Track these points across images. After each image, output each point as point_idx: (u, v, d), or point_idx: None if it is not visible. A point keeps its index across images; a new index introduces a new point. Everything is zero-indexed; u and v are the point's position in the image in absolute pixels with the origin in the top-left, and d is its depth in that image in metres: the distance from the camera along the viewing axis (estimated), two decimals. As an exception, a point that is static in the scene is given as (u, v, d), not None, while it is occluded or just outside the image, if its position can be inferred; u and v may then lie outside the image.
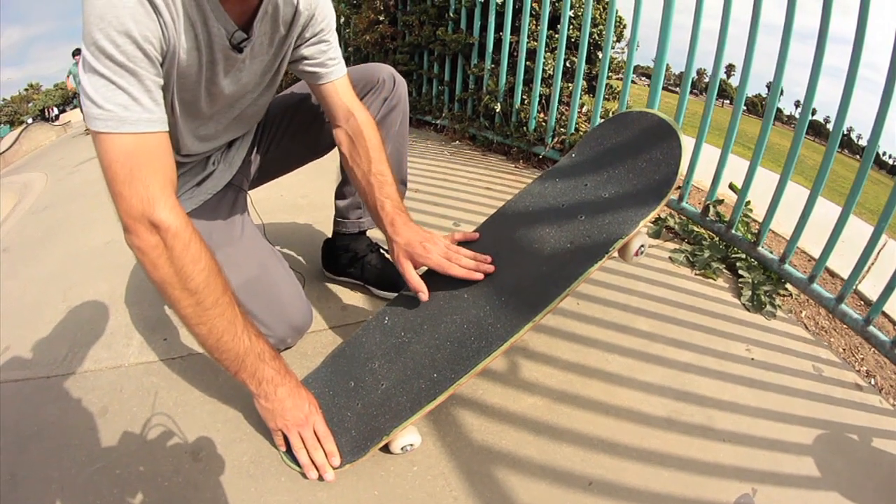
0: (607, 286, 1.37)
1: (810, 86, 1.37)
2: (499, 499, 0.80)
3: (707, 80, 1.73)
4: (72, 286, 1.59)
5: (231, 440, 0.89)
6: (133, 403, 0.99)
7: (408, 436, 0.81)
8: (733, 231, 1.57)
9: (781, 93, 1.52)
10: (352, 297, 1.31)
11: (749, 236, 1.55)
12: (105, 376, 1.08)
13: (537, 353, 1.11)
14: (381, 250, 1.30)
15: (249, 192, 1.18)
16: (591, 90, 2.55)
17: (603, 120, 1.01)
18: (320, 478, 0.79)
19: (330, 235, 1.35)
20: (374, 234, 1.28)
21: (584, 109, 2.55)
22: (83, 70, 0.63)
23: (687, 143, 1.54)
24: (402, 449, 0.82)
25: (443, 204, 1.89)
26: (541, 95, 2.35)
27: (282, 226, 1.72)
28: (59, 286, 1.62)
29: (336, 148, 1.11)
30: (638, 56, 1.97)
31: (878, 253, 2.49)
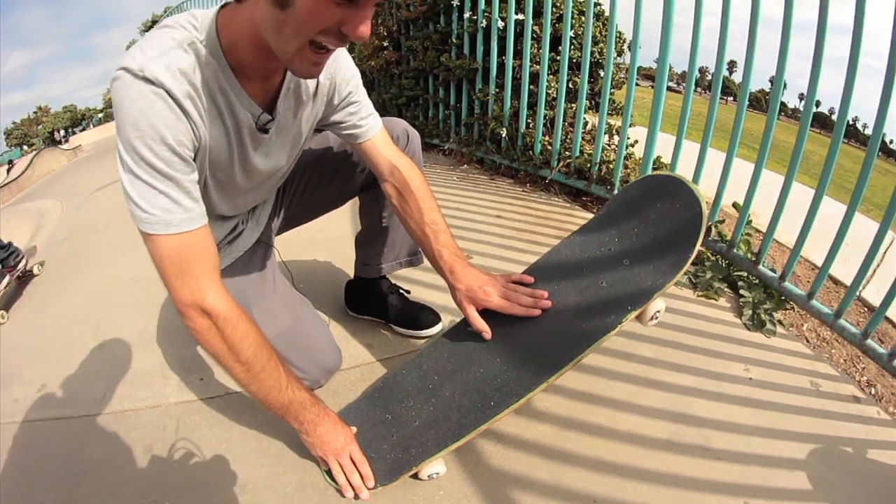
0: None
1: (811, 85, 1.42)
2: None
3: (710, 77, 1.79)
4: (102, 324, 1.74)
5: (275, 473, 1.03)
6: (177, 441, 1.14)
7: (435, 466, 0.96)
8: (735, 250, 1.69)
9: (785, 86, 1.60)
10: (375, 336, 1.45)
11: (750, 255, 1.67)
12: (146, 415, 1.23)
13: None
14: (401, 291, 1.45)
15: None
16: (595, 106, 2.69)
17: (631, 182, 1.11)
18: (356, 496, 0.94)
19: (350, 273, 1.50)
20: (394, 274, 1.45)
21: (589, 127, 2.70)
22: (123, 170, 0.73)
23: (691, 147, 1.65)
24: (428, 476, 0.96)
25: (457, 235, 2.02)
26: (545, 118, 2.50)
27: (303, 263, 1.87)
28: (89, 323, 1.76)
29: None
30: (640, 57, 2.04)
31: (884, 254, 2.59)
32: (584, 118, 2.39)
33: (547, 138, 2.53)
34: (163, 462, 1.10)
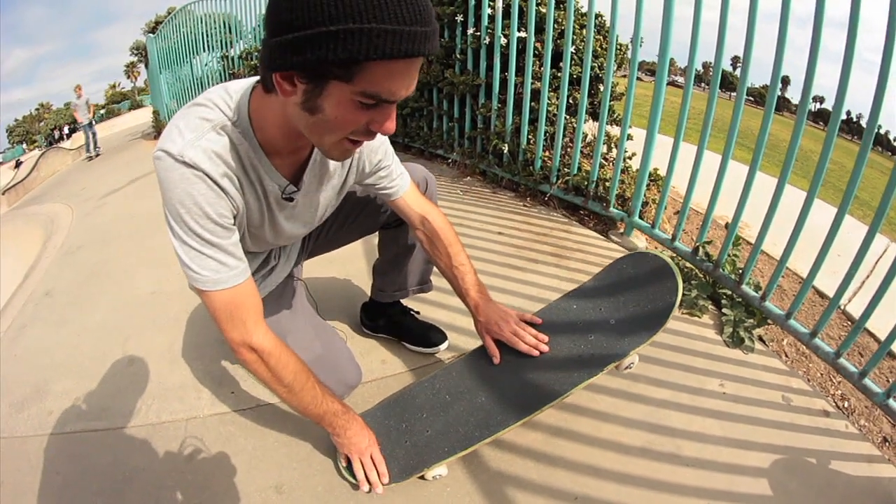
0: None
1: (806, 81, 1.48)
2: None
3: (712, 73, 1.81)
4: (128, 338, 1.89)
5: (306, 475, 1.22)
6: (215, 449, 1.32)
7: (439, 468, 1.17)
8: (720, 270, 1.85)
9: (788, 82, 1.67)
10: (388, 352, 1.64)
11: (734, 275, 1.82)
12: (183, 426, 1.41)
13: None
14: (412, 312, 1.65)
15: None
16: (596, 115, 2.83)
17: (625, 255, 1.35)
18: (370, 490, 1.14)
19: (362, 288, 1.70)
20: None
21: (588, 139, 2.85)
22: (173, 237, 0.87)
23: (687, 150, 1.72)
24: (433, 477, 1.17)
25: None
26: (546, 133, 2.66)
27: (321, 281, 2.04)
28: (116, 338, 1.91)
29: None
30: (643, 52, 2.14)
31: (875, 264, 2.71)
32: (584, 130, 2.53)
33: (547, 153, 2.68)
34: (203, 469, 1.28)
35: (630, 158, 2.57)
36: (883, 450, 1.39)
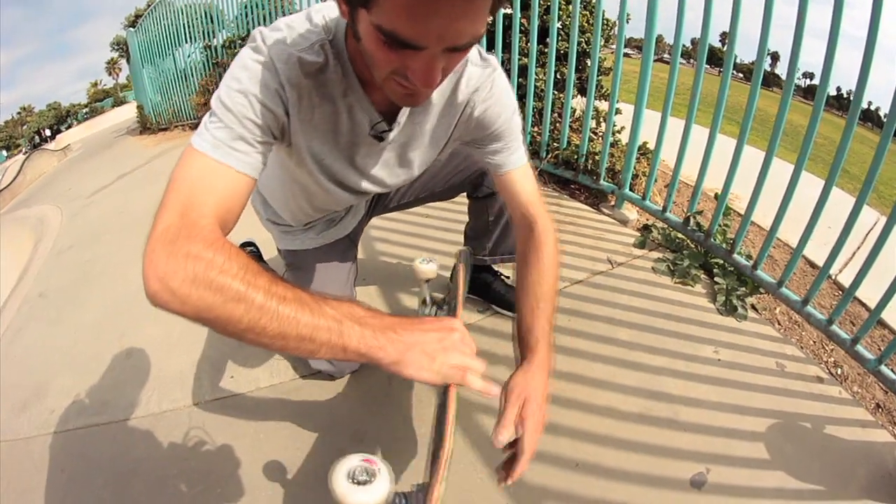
0: (594, 301, 1.69)
1: (792, 56, 1.48)
2: None
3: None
4: (123, 333, 1.90)
5: (308, 455, 1.24)
6: (217, 434, 1.33)
7: None
8: (711, 240, 1.86)
9: (777, 58, 1.67)
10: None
11: (725, 245, 1.84)
12: (184, 414, 1.42)
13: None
14: (502, 277, 1.65)
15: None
16: (583, 91, 2.82)
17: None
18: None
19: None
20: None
21: (577, 114, 2.84)
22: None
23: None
24: None
25: (451, 229, 2.16)
26: (534, 109, 2.65)
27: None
28: (112, 333, 1.92)
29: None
30: (630, 28, 2.12)
31: (866, 236, 2.73)
32: (572, 105, 2.53)
33: (536, 129, 2.68)
34: (206, 455, 1.29)
35: (619, 132, 2.57)
36: (876, 415, 1.41)
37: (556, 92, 2.59)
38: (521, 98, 2.68)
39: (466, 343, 0.72)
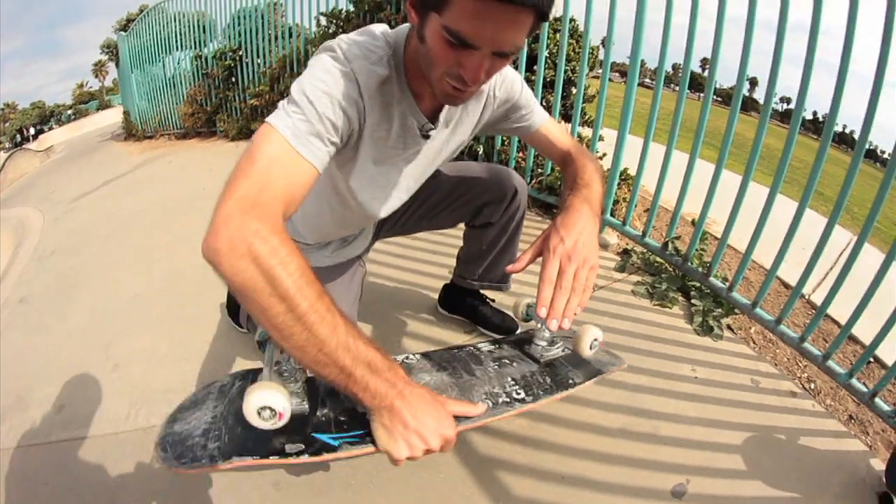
0: (577, 325, 1.73)
1: (770, 83, 1.54)
2: (497, 490, 1.20)
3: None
4: (109, 343, 1.86)
5: (304, 470, 1.25)
6: None
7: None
8: (688, 264, 1.94)
9: (756, 83, 1.74)
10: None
11: (702, 268, 1.92)
12: (174, 426, 1.42)
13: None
14: (487, 300, 1.72)
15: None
16: (567, 118, 2.91)
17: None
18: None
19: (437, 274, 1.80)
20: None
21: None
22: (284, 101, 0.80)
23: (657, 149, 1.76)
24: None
25: (436, 251, 2.21)
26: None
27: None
28: (97, 343, 1.89)
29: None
30: (614, 53, 2.17)
31: (840, 255, 2.84)
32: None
33: (521, 155, 2.75)
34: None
35: (601, 158, 2.63)
36: (849, 426, 1.48)
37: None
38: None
39: (444, 449, 0.76)
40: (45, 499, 1.29)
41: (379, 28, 0.91)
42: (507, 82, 1.08)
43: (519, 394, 1.00)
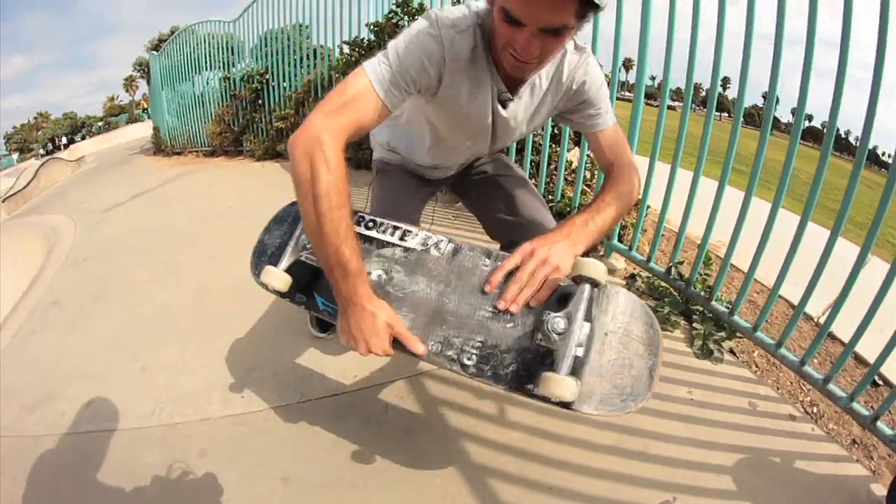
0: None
1: (771, 88, 1.56)
2: (490, 499, 1.27)
3: (704, 93, 1.91)
4: (137, 351, 1.98)
5: (309, 468, 1.35)
6: (226, 447, 1.44)
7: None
8: (691, 288, 1.98)
9: (777, 101, 1.62)
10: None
11: (704, 292, 1.96)
12: (196, 427, 1.52)
13: (519, 402, 1.53)
14: None
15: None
16: (578, 143, 2.96)
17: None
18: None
19: None
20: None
21: (573, 166, 2.98)
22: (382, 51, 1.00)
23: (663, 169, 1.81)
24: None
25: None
26: (531, 163, 2.80)
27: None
28: (125, 349, 2.01)
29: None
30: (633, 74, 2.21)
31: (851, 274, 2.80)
32: (568, 158, 2.67)
33: (533, 181, 2.81)
34: (215, 465, 1.39)
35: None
36: (851, 450, 1.48)
37: (553, 145, 2.72)
38: (520, 152, 2.82)
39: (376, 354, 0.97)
40: (70, 484, 1.39)
41: (474, 3, 1.04)
42: (589, 78, 1.17)
43: (470, 359, 0.97)
